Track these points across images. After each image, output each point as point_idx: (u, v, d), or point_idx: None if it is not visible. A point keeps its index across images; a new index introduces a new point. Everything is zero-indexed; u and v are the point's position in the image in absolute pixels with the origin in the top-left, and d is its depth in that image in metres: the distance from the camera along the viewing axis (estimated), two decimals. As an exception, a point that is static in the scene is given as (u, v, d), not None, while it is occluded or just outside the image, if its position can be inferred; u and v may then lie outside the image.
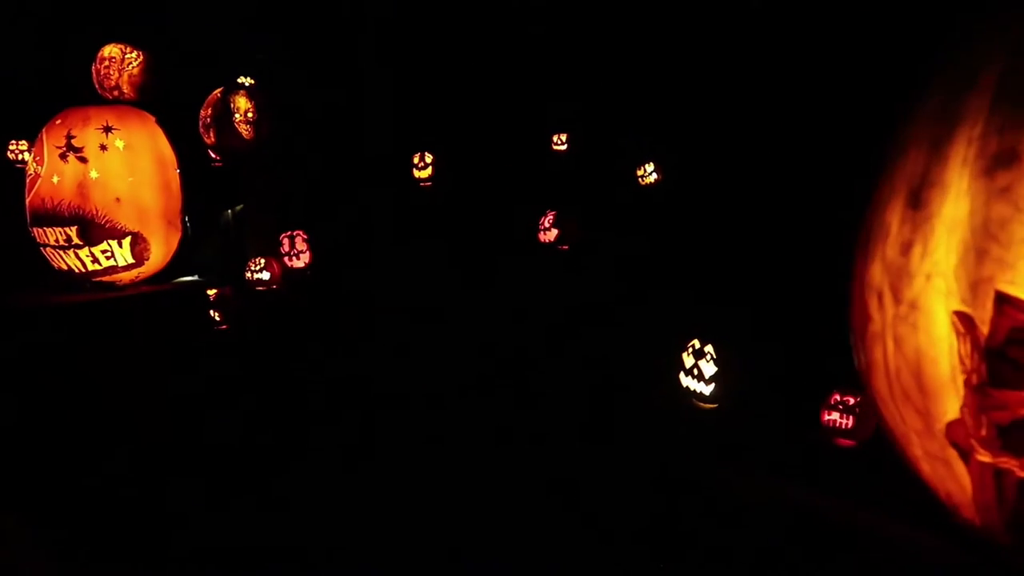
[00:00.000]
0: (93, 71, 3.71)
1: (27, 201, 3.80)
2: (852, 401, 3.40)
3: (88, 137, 3.71)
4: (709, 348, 3.86)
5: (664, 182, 7.70)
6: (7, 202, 3.97)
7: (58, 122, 3.78)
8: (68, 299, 3.68)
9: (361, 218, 6.38)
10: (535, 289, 5.89)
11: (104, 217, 3.69)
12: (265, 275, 4.26)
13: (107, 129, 3.73)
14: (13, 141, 6.62)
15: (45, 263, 3.90)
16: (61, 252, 3.76)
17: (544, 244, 6.57)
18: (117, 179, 3.72)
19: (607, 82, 8.39)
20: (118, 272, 3.82)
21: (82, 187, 3.68)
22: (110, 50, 3.70)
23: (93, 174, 3.69)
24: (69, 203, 3.68)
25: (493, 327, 5.16)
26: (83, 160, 3.68)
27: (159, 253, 3.89)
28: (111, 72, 3.70)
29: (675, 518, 2.89)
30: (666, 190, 7.61)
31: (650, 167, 7.74)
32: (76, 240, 3.70)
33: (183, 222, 3.97)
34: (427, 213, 7.13)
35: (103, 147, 3.71)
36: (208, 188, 4.17)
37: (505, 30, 8.60)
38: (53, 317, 3.55)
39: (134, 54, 3.71)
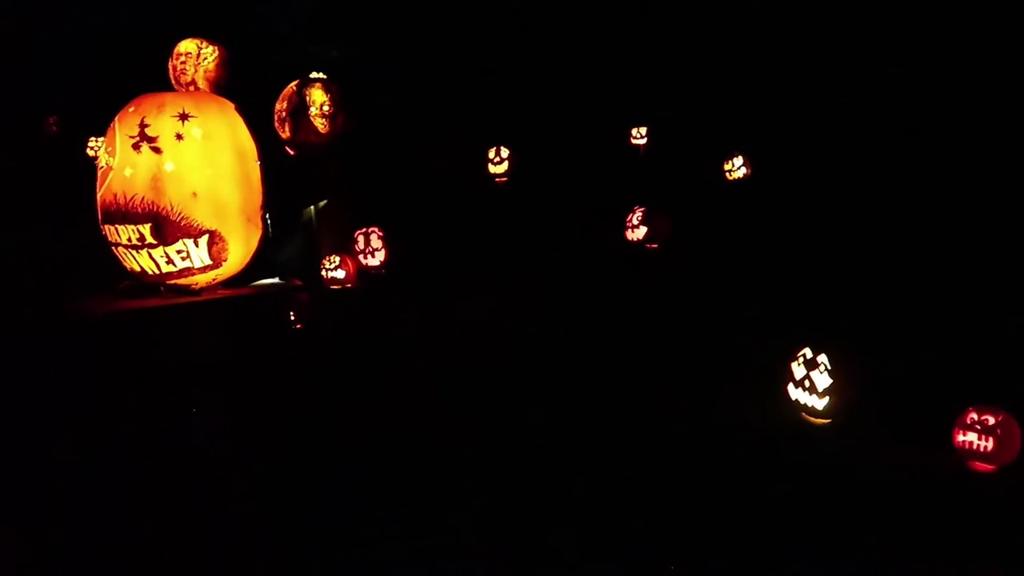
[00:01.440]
0: (169, 67, 3.41)
1: (98, 196, 3.48)
2: (992, 421, 2.99)
3: (163, 125, 3.37)
4: (823, 358, 3.49)
5: (754, 177, 7.15)
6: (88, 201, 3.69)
7: (131, 109, 3.45)
8: (135, 305, 3.34)
9: (437, 214, 6.07)
10: (624, 290, 5.48)
11: (179, 214, 3.34)
12: (340, 273, 3.97)
13: (183, 116, 3.38)
14: (93, 138, 6.52)
15: (117, 264, 3.57)
16: (133, 252, 3.43)
17: (631, 243, 6.13)
18: (194, 171, 3.37)
19: (688, 71, 7.90)
20: (194, 274, 3.47)
21: (156, 180, 3.33)
22: (186, 45, 3.41)
23: (168, 166, 3.34)
24: (143, 198, 3.34)
25: (579, 330, 4.80)
26: (157, 151, 3.34)
27: (238, 253, 3.52)
28: (187, 67, 3.40)
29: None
30: (756, 186, 7.06)
31: (738, 161, 7.19)
32: (150, 239, 3.37)
33: (263, 219, 3.59)
34: (504, 209, 6.76)
35: (179, 136, 3.36)
36: (287, 183, 3.79)
37: (581, 20, 8.17)
38: (116, 326, 3.20)
39: (210, 49, 3.40)
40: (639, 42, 8.11)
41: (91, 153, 6.45)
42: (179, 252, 3.39)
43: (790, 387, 3.56)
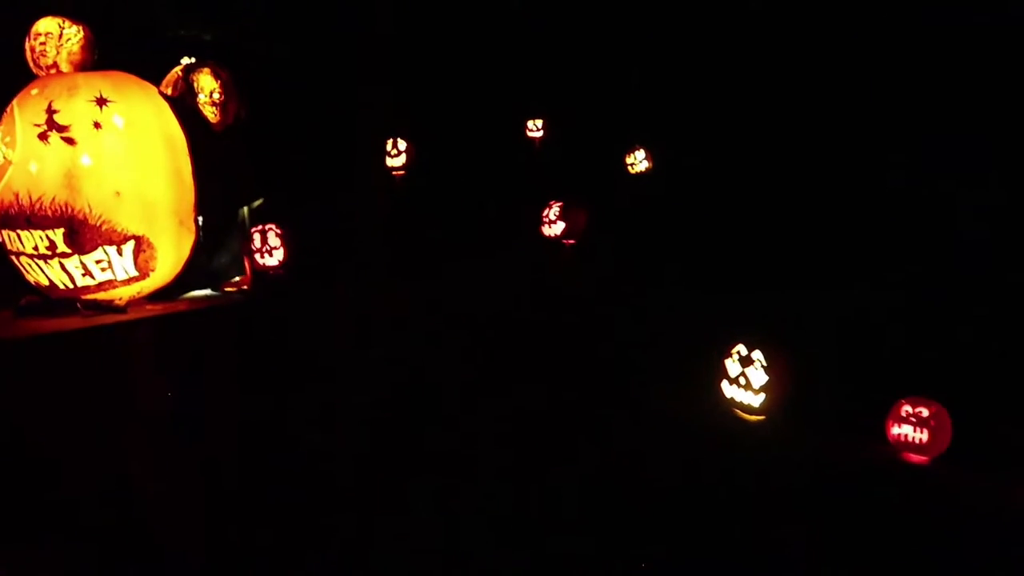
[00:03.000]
0: (27, 48, 2.89)
1: None
2: (926, 413, 3.08)
3: (76, 111, 2.83)
4: (758, 355, 3.49)
5: (656, 170, 7.21)
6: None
7: (34, 91, 2.88)
8: (49, 327, 2.78)
9: (336, 210, 5.73)
10: (543, 288, 5.38)
11: (99, 217, 2.82)
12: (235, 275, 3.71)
13: (101, 101, 2.86)
14: None
15: (15, 276, 2.98)
16: (40, 262, 2.87)
17: (548, 238, 6.05)
18: (116, 166, 2.85)
19: (587, 62, 7.86)
20: (116, 287, 2.95)
21: (71, 177, 2.79)
22: (46, 24, 2.90)
23: (84, 160, 2.81)
24: (53, 199, 2.79)
25: (502, 328, 4.62)
26: (71, 141, 2.81)
27: (168, 262, 3.03)
28: (47, 49, 2.89)
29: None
30: (659, 179, 7.12)
31: (640, 154, 7.23)
32: (63, 247, 2.82)
33: (196, 222, 3.12)
34: (406, 204, 6.49)
35: (97, 125, 2.84)
36: (220, 179, 3.32)
37: (473, 9, 7.94)
38: (31, 351, 2.65)
39: (74, 29, 2.91)
40: (533, 33, 7.96)
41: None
42: (99, 262, 2.87)
43: (724, 384, 3.53)
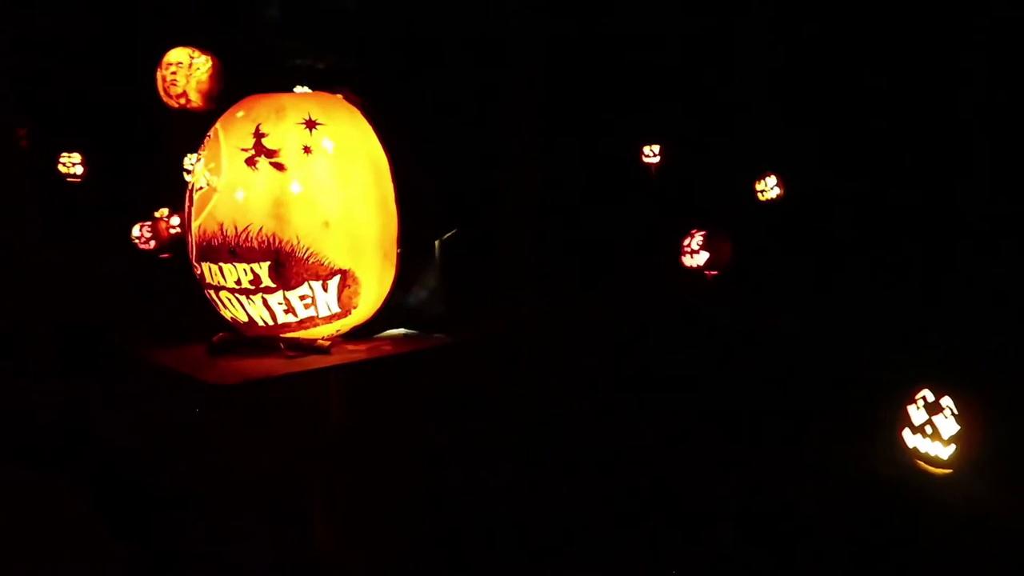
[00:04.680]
0: (158, 77, 2.76)
1: (194, 225, 2.66)
2: None
3: (286, 134, 2.60)
4: (947, 401, 3.15)
5: (788, 197, 6.86)
6: (62, 223, 2.92)
7: (240, 114, 2.66)
8: (257, 370, 2.53)
9: (478, 239, 5.55)
10: (696, 320, 5.18)
11: (307, 249, 2.58)
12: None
13: (310, 124, 2.62)
14: (64, 153, 5.78)
15: (204, 310, 2.75)
16: (242, 298, 2.62)
17: (689, 269, 5.86)
18: (327, 195, 2.61)
19: (705, 84, 7.56)
20: (317, 324, 2.70)
21: (279, 206, 2.55)
22: (176, 54, 2.77)
23: (294, 187, 2.57)
24: (260, 229, 2.55)
25: (643, 366, 4.45)
26: (280, 167, 2.57)
27: (370, 298, 2.78)
28: (178, 78, 2.75)
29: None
30: (794, 207, 6.77)
31: (771, 180, 6.88)
32: (267, 281, 2.57)
33: (397, 255, 2.87)
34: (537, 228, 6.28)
35: (307, 149, 2.60)
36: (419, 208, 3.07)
37: (581, 33, 7.72)
38: (242, 396, 2.40)
39: (203, 59, 2.75)
40: (647, 57, 7.72)
41: (63, 169, 5.65)
42: (303, 298, 2.62)
43: (906, 433, 3.27)
